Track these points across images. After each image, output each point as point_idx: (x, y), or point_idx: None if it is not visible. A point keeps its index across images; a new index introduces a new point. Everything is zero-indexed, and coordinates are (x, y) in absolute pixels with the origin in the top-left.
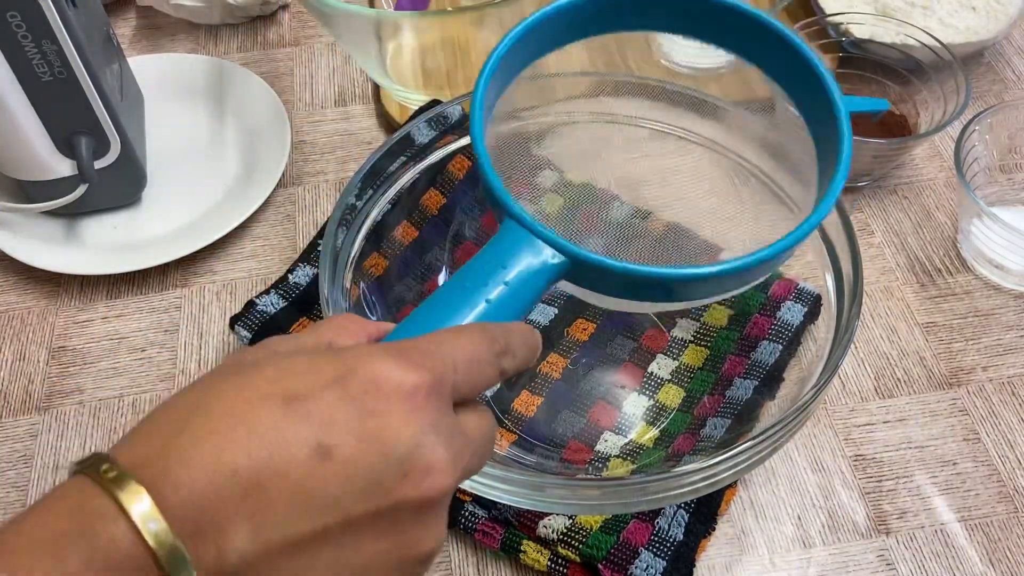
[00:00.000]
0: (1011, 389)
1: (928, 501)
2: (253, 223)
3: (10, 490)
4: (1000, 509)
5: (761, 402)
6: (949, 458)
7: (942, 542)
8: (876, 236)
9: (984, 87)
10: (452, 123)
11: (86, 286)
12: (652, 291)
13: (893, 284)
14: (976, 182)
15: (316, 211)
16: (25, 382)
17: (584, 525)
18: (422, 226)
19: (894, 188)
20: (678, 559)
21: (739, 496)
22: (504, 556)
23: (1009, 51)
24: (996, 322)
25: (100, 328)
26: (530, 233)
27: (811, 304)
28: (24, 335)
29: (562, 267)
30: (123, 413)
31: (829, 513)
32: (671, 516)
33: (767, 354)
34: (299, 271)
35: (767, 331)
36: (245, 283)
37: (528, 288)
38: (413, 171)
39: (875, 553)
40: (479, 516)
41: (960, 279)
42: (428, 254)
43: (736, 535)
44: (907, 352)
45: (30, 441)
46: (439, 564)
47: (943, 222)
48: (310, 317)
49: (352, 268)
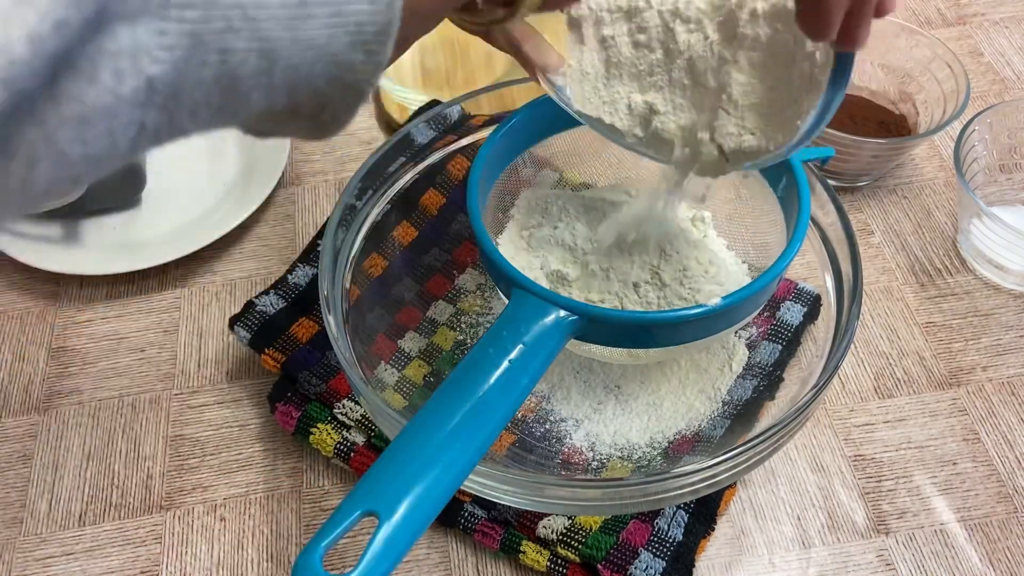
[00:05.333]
0: (1011, 389)
1: (928, 501)
2: (253, 223)
3: (10, 490)
4: (1000, 509)
5: (761, 402)
6: (949, 458)
7: (942, 542)
8: (876, 236)
9: (984, 87)
10: (452, 123)
11: (86, 286)
12: (658, 335)
13: (893, 284)
14: (976, 182)
15: (316, 211)
16: (25, 382)
17: (584, 525)
18: (422, 226)
19: (894, 188)
20: (678, 559)
21: (739, 496)
22: (504, 556)
23: (1009, 51)
24: (996, 322)
25: (100, 328)
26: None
27: (810, 304)
28: (24, 335)
29: (575, 323)
30: (123, 413)
31: (829, 513)
32: (671, 516)
33: (767, 354)
34: (299, 271)
35: (767, 331)
36: (245, 283)
37: (545, 346)
38: (413, 171)
39: (875, 553)
40: (478, 516)
41: (960, 279)
42: (428, 254)
43: (736, 535)
44: (907, 352)
45: (30, 441)
46: (439, 564)
47: (943, 222)
48: (310, 317)
49: (352, 268)
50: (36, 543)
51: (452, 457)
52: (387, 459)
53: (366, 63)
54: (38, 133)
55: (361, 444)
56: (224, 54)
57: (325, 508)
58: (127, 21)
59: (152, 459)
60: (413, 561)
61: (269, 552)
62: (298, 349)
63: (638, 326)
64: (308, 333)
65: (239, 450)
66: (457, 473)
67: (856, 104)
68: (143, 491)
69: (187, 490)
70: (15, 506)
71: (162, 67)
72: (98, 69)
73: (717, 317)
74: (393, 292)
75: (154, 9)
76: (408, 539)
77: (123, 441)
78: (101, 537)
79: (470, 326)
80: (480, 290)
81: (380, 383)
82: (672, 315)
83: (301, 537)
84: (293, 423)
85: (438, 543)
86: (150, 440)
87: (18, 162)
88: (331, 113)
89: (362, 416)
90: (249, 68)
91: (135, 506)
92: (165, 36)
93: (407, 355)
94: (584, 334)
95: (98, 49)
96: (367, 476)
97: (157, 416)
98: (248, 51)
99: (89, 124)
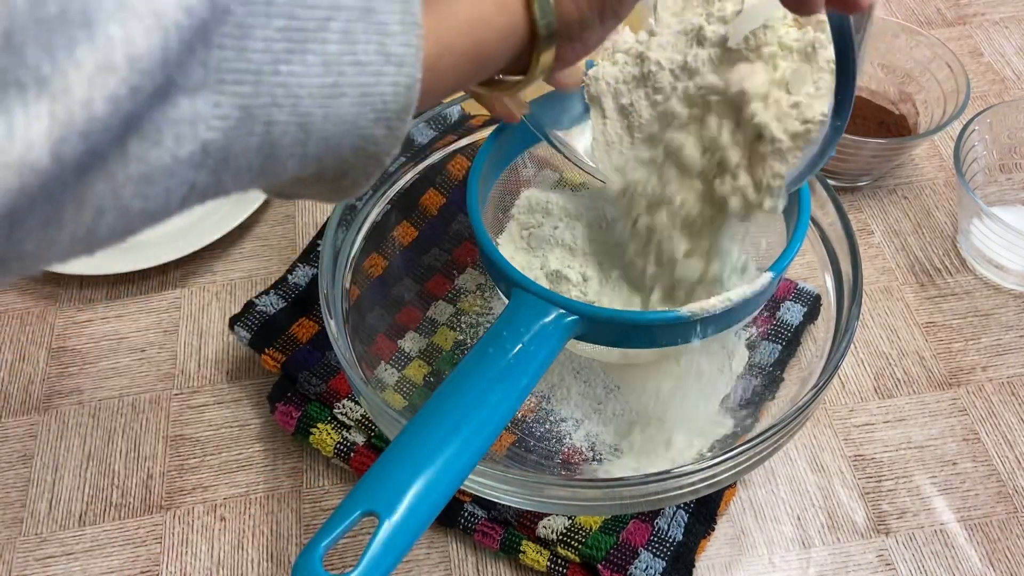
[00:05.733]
0: (1011, 389)
1: (928, 501)
2: (253, 223)
3: (10, 490)
4: (1000, 509)
5: (761, 402)
6: (949, 458)
7: (941, 542)
8: (876, 236)
9: (984, 87)
10: (452, 123)
11: (86, 286)
12: (658, 335)
13: (893, 284)
14: (976, 182)
15: (316, 211)
16: (25, 382)
17: (584, 525)
18: (422, 226)
19: (894, 188)
20: (678, 559)
21: (739, 496)
22: (504, 556)
23: (1009, 51)
24: (996, 322)
25: (100, 328)
26: (540, 299)
27: (810, 304)
28: (24, 335)
29: (575, 323)
30: (123, 413)
31: (829, 513)
32: (671, 516)
33: (767, 354)
34: (299, 271)
35: (767, 331)
36: (245, 283)
37: (545, 346)
38: (413, 171)
39: (875, 553)
40: (478, 516)
41: (960, 279)
42: (428, 254)
43: (736, 535)
44: (907, 352)
45: (30, 441)
46: (439, 564)
47: (943, 222)
48: (310, 317)
49: (352, 268)
50: (36, 543)
51: (452, 457)
52: (387, 459)
53: (387, 136)
54: (107, 187)
55: (361, 444)
56: (269, 125)
57: (325, 508)
58: (188, 93)
59: (152, 459)
60: (413, 561)
61: (269, 552)
62: (298, 349)
63: (638, 326)
64: (308, 333)
65: (239, 450)
66: (457, 473)
67: (856, 104)
68: (143, 491)
69: (187, 490)
70: (15, 506)
71: (215, 134)
72: (162, 134)
73: (717, 317)
74: (393, 292)
75: (212, 84)
76: (408, 539)
77: (123, 441)
78: (101, 537)
79: (470, 326)
80: (480, 290)
81: (380, 383)
82: (672, 315)
83: (301, 537)
84: (293, 423)
85: (438, 543)
86: (150, 440)
87: (87, 212)
88: (352, 179)
89: (362, 416)
90: (289, 139)
91: (135, 506)
92: (220, 107)
93: (407, 355)
94: (584, 334)
95: (163, 116)
96: (367, 476)
97: (157, 416)
98: (288, 123)
99: (151, 182)
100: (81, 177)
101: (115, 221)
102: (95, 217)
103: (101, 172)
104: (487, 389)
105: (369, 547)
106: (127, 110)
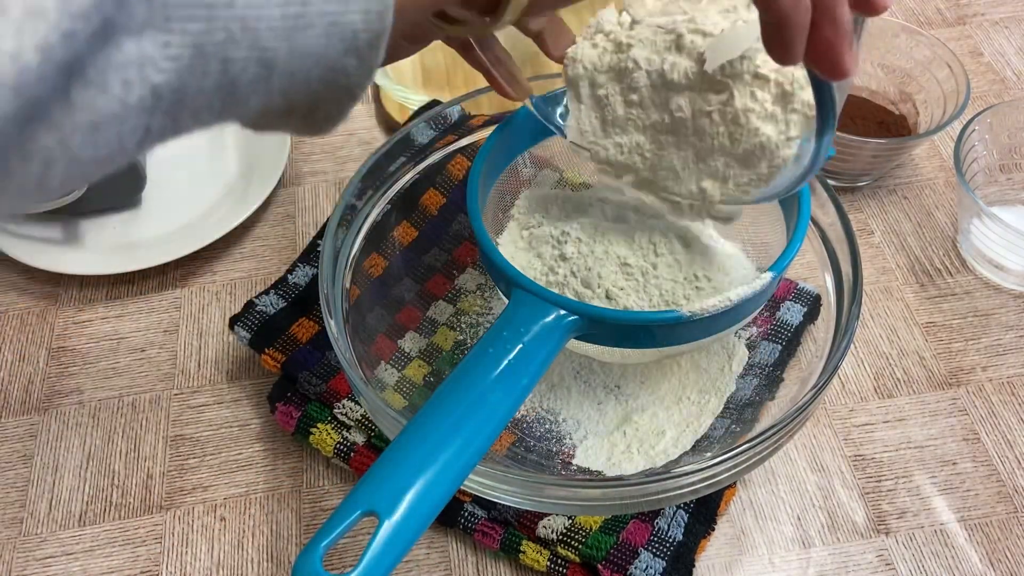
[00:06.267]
0: (1010, 389)
1: (927, 501)
2: (253, 223)
3: (10, 490)
4: (1000, 509)
5: (761, 402)
6: (949, 458)
7: (941, 542)
8: (876, 236)
9: (984, 87)
10: (452, 123)
11: (86, 286)
12: (658, 335)
13: (893, 284)
14: (976, 182)
15: (316, 211)
16: (25, 382)
17: (584, 525)
18: (422, 226)
19: (894, 188)
20: (678, 559)
21: (739, 496)
22: (504, 556)
23: (1009, 51)
24: (996, 322)
25: (100, 328)
26: (540, 299)
27: (810, 304)
28: (24, 335)
29: (575, 323)
30: (123, 413)
31: (829, 513)
32: (671, 516)
33: (767, 354)
34: (299, 271)
35: (767, 331)
36: (245, 283)
37: (545, 346)
38: (413, 171)
39: (874, 553)
40: (478, 516)
41: (960, 279)
42: (428, 254)
43: (736, 535)
44: (907, 352)
45: (30, 441)
46: (439, 564)
47: (943, 222)
48: (310, 317)
49: (352, 268)
50: (36, 543)
51: (452, 457)
52: (387, 459)
53: (359, 68)
54: (53, 138)
55: (361, 444)
56: (225, 63)
57: (325, 508)
58: (133, 34)
59: (152, 459)
60: (413, 561)
61: (269, 552)
62: (298, 349)
63: (638, 326)
64: (308, 333)
65: (239, 450)
66: (457, 473)
67: (856, 104)
68: (143, 491)
69: (187, 490)
70: (15, 506)
71: (166, 76)
72: (107, 79)
73: (717, 318)
74: (393, 292)
75: (158, 22)
76: (408, 539)
77: (123, 441)
78: (101, 537)
79: (470, 326)
80: (480, 290)
81: (380, 383)
82: (672, 315)
83: (301, 537)
84: (293, 423)
85: (438, 543)
86: (150, 440)
87: (36, 164)
88: (324, 112)
89: (362, 416)
90: (248, 75)
91: (135, 506)
92: (169, 48)
93: (407, 355)
94: (584, 334)
95: (107, 60)
96: (367, 476)
97: (157, 416)
98: (247, 60)
99: (100, 130)
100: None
101: (66, 170)
102: (43, 168)
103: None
104: (487, 389)
105: (369, 547)
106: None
